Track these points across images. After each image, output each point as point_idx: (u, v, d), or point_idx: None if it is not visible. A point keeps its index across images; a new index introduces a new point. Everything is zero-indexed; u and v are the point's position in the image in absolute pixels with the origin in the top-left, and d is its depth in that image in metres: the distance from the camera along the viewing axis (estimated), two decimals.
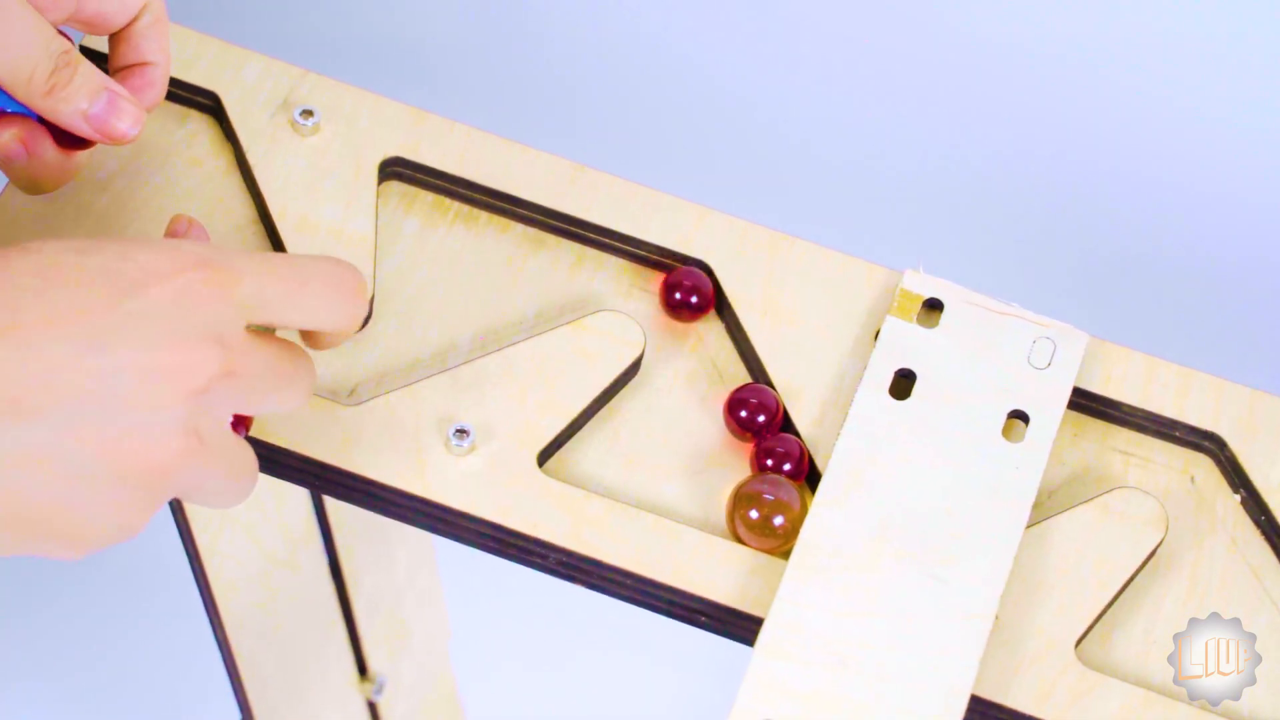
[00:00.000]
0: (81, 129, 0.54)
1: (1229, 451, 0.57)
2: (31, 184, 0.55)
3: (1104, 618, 0.55)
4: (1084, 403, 0.58)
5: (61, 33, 0.54)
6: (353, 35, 1.28)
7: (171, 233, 0.53)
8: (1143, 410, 0.57)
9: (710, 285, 0.59)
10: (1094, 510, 0.55)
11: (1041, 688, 0.53)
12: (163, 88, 0.57)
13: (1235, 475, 0.57)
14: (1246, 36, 1.23)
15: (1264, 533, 0.56)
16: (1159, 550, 0.55)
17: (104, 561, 1.15)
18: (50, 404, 0.45)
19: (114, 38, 0.57)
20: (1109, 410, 0.58)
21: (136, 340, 0.46)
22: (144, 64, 0.56)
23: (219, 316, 0.47)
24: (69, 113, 0.54)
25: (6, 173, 0.55)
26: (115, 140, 0.54)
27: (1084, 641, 0.54)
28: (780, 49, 1.27)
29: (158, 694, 1.15)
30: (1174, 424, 0.57)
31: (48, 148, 0.55)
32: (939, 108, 1.26)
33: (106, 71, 0.56)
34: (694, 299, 0.58)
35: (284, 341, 0.50)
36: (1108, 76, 1.24)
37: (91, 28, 0.56)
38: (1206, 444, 0.57)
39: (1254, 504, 0.56)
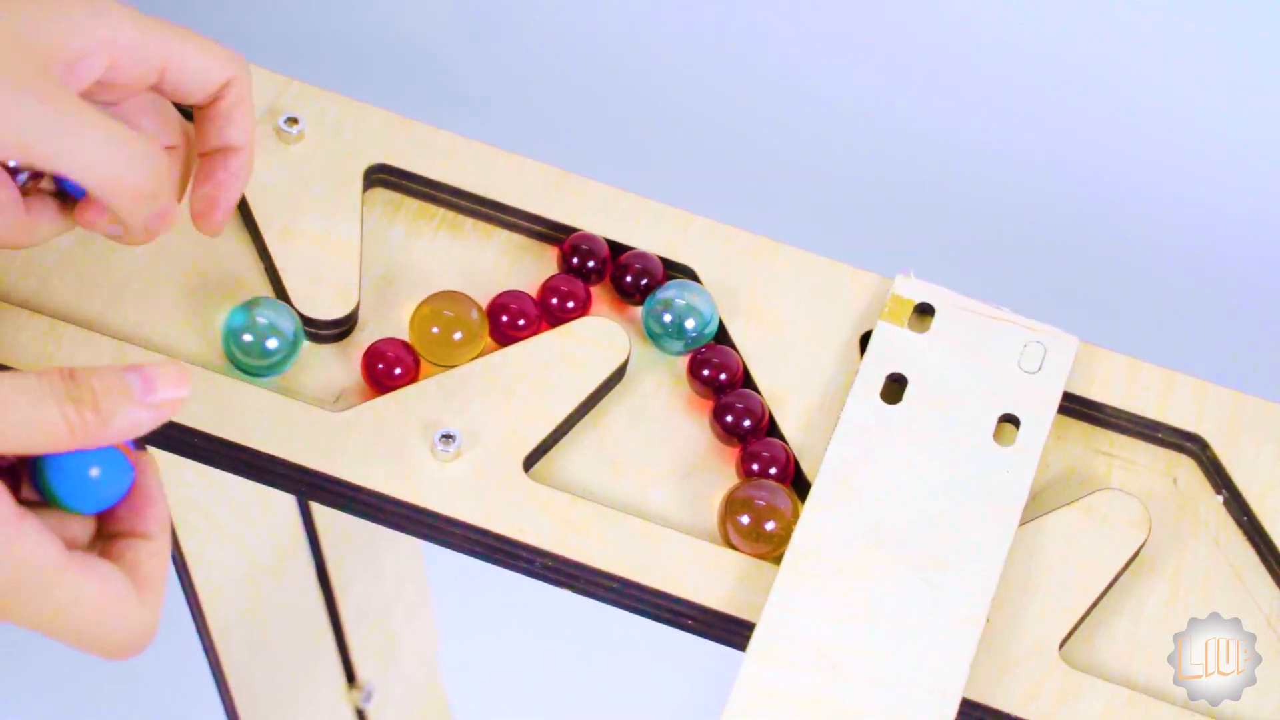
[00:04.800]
0: None
1: (1211, 453, 0.57)
2: (14, 240, 0.53)
3: (1088, 618, 0.55)
4: (1067, 405, 0.58)
5: None
6: (337, 43, 1.28)
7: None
8: (1126, 412, 0.57)
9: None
10: (1078, 512, 0.56)
11: (1027, 688, 0.53)
12: (246, 176, 0.54)
13: (1218, 476, 0.57)
14: (1227, 46, 1.24)
15: (1246, 533, 0.56)
16: (1142, 551, 0.56)
17: None
18: None
19: (195, 119, 0.54)
20: (1092, 412, 0.58)
21: None
22: (226, 149, 0.54)
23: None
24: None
25: None
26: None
27: (1068, 642, 0.54)
28: (768, 56, 1.27)
29: (145, 703, 1.14)
30: (1157, 425, 0.57)
31: (49, 206, 0.53)
32: (928, 114, 1.26)
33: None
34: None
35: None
36: (1094, 84, 1.25)
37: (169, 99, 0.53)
38: (1189, 445, 0.57)
39: (1236, 505, 0.57)
